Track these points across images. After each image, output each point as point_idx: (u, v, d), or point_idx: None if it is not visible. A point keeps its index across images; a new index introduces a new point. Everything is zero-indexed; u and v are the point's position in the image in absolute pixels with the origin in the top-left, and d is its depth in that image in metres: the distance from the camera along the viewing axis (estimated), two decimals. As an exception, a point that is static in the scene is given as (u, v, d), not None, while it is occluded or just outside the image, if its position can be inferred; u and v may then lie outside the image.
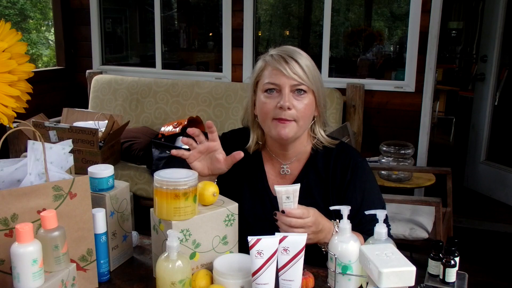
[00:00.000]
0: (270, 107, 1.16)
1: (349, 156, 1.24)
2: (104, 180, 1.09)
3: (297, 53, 1.18)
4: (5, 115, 1.01)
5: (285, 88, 1.15)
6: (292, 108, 1.15)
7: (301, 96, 1.16)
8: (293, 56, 1.16)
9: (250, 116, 1.27)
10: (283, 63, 1.15)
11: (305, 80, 1.15)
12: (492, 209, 3.53)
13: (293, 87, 1.15)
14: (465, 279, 1.02)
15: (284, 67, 1.14)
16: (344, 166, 1.23)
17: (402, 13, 3.49)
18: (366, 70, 3.72)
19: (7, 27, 1.00)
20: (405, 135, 3.23)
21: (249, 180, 1.28)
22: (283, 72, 1.14)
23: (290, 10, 4.24)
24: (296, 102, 1.16)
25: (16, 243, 0.84)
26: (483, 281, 2.55)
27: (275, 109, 1.15)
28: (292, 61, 1.15)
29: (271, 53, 1.20)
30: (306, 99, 1.17)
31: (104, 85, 3.64)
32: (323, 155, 1.25)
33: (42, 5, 6.38)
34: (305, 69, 1.16)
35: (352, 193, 1.21)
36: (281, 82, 1.15)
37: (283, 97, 1.14)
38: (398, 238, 2.24)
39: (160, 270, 0.92)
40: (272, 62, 1.17)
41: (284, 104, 1.14)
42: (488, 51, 3.67)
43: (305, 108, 1.17)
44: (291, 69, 1.14)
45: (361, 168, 1.23)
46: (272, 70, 1.17)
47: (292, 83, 1.15)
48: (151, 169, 2.87)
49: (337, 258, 0.96)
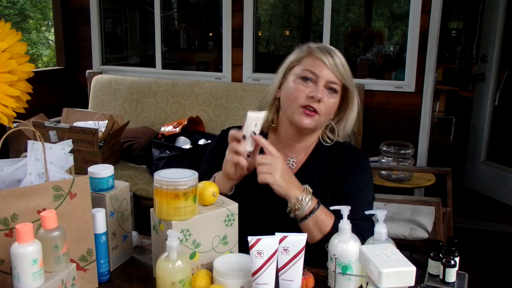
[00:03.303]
0: (302, 94, 1.18)
1: (351, 150, 1.27)
2: (104, 180, 1.09)
3: (336, 51, 1.22)
4: (5, 115, 1.01)
5: (322, 80, 1.18)
6: (321, 102, 1.17)
7: (331, 95, 1.19)
8: (332, 53, 1.20)
9: (271, 97, 1.28)
10: (329, 57, 1.18)
11: (345, 79, 1.19)
12: (492, 209, 3.53)
13: (328, 83, 1.18)
14: (465, 279, 1.02)
15: (328, 61, 1.18)
16: (345, 158, 1.25)
17: (402, 13, 3.50)
18: (366, 70, 3.72)
19: (7, 27, 1.00)
20: (405, 135, 3.23)
21: None
22: (326, 64, 1.18)
23: (290, 10, 4.24)
24: (326, 98, 1.19)
25: (16, 243, 0.84)
26: (483, 281, 2.55)
27: (306, 97, 1.18)
28: (336, 58, 1.19)
29: (316, 45, 1.22)
30: (336, 98, 1.20)
31: (104, 85, 3.64)
32: (326, 149, 1.27)
33: (42, 5, 6.38)
34: (345, 67, 1.20)
35: (346, 180, 1.22)
36: (321, 73, 1.18)
37: (317, 88, 1.17)
38: (398, 238, 2.24)
39: (160, 270, 0.92)
40: (317, 53, 1.19)
41: (317, 95, 1.17)
42: (488, 51, 3.67)
43: (332, 106, 1.20)
44: (336, 66, 1.18)
45: (361, 162, 1.25)
46: (315, 60, 1.19)
47: (329, 79, 1.18)
48: (151, 169, 2.87)
49: (337, 258, 0.96)
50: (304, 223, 1.12)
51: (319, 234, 1.12)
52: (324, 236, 1.11)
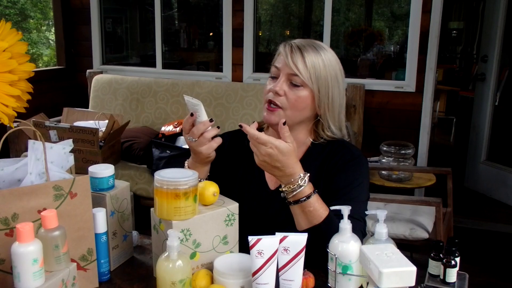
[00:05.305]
0: (267, 90, 1.19)
1: (347, 148, 1.24)
2: (104, 179, 1.09)
3: (311, 47, 1.17)
4: (6, 115, 1.01)
5: (281, 73, 1.17)
6: (283, 95, 1.16)
7: (296, 88, 1.16)
8: (303, 49, 1.16)
9: None
10: (288, 51, 1.16)
11: (303, 73, 1.14)
12: (492, 209, 3.53)
13: (289, 76, 1.16)
14: (465, 280, 1.02)
15: (287, 55, 1.16)
16: (339, 155, 1.22)
17: (403, 13, 3.49)
18: (366, 70, 3.72)
19: (8, 26, 1.00)
20: (405, 135, 3.23)
21: (244, 170, 1.27)
22: (285, 59, 1.16)
23: (290, 10, 4.24)
24: (289, 91, 1.16)
25: (16, 243, 0.84)
26: (484, 282, 2.55)
27: (270, 93, 1.17)
28: (298, 52, 1.15)
29: (292, 41, 1.20)
30: (301, 92, 1.16)
31: (105, 85, 3.64)
32: (322, 147, 1.24)
33: (43, 4, 6.39)
34: (308, 64, 1.15)
35: (337, 177, 1.19)
36: (281, 67, 1.17)
37: (277, 82, 1.17)
38: (398, 238, 2.24)
39: (160, 269, 0.92)
40: (282, 49, 1.19)
41: (274, 88, 1.16)
42: (488, 51, 3.67)
43: (297, 99, 1.16)
44: (292, 58, 1.15)
45: (356, 160, 1.21)
46: (280, 56, 1.19)
47: (288, 72, 1.16)
48: (151, 169, 2.87)
49: (337, 258, 0.95)
50: (292, 207, 1.10)
51: (306, 223, 1.09)
52: (312, 226, 1.08)
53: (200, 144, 1.14)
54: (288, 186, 1.08)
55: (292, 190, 1.08)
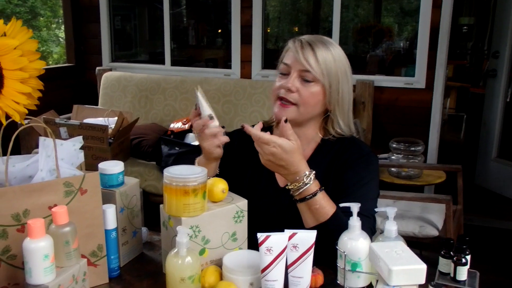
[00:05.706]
0: (277, 86, 1.19)
1: (357, 145, 1.24)
2: (114, 176, 1.09)
3: (321, 43, 1.17)
4: (17, 112, 1.02)
5: (292, 70, 1.17)
6: (296, 91, 1.16)
7: (307, 84, 1.16)
8: (313, 45, 1.16)
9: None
10: (299, 47, 1.16)
11: (314, 69, 1.14)
12: (503, 207, 3.49)
13: (301, 72, 1.16)
14: (476, 278, 1.01)
15: (297, 51, 1.16)
16: (348, 152, 1.21)
17: (412, 8, 3.46)
18: (375, 66, 3.69)
19: (18, 24, 1.01)
20: (415, 132, 3.21)
21: (253, 168, 1.27)
22: (295, 55, 1.16)
23: (299, 7, 4.22)
24: (302, 87, 1.16)
25: (28, 239, 0.85)
26: (494, 280, 2.53)
27: (281, 89, 1.17)
28: (308, 48, 1.16)
29: (301, 38, 1.20)
30: (313, 88, 1.16)
31: (114, 82, 3.66)
32: (332, 144, 1.24)
33: (52, 2, 6.43)
34: (319, 59, 1.15)
35: (347, 174, 1.18)
36: (292, 64, 1.17)
37: (289, 78, 1.16)
38: (408, 235, 2.22)
39: (169, 266, 0.92)
40: (292, 45, 1.19)
41: (287, 85, 1.16)
42: (500, 47, 3.62)
43: (310, 95, 1.16)
44: (303, 54, 1.15)
45: (365, 157, 1.21)
46: (289, 52, 1.19)
47: (300, 68, 1.16)
48: (160, 166, 2.88)
49: (346, 255, 0.95)
50: (298, 205, 1.10)
51: (313, 221, 1.09)
52: (319, 224, 1.08)
53: (202, 139, 1.16)
54: (294, 184, 1.08)
55: (298, 188, 1.07)
